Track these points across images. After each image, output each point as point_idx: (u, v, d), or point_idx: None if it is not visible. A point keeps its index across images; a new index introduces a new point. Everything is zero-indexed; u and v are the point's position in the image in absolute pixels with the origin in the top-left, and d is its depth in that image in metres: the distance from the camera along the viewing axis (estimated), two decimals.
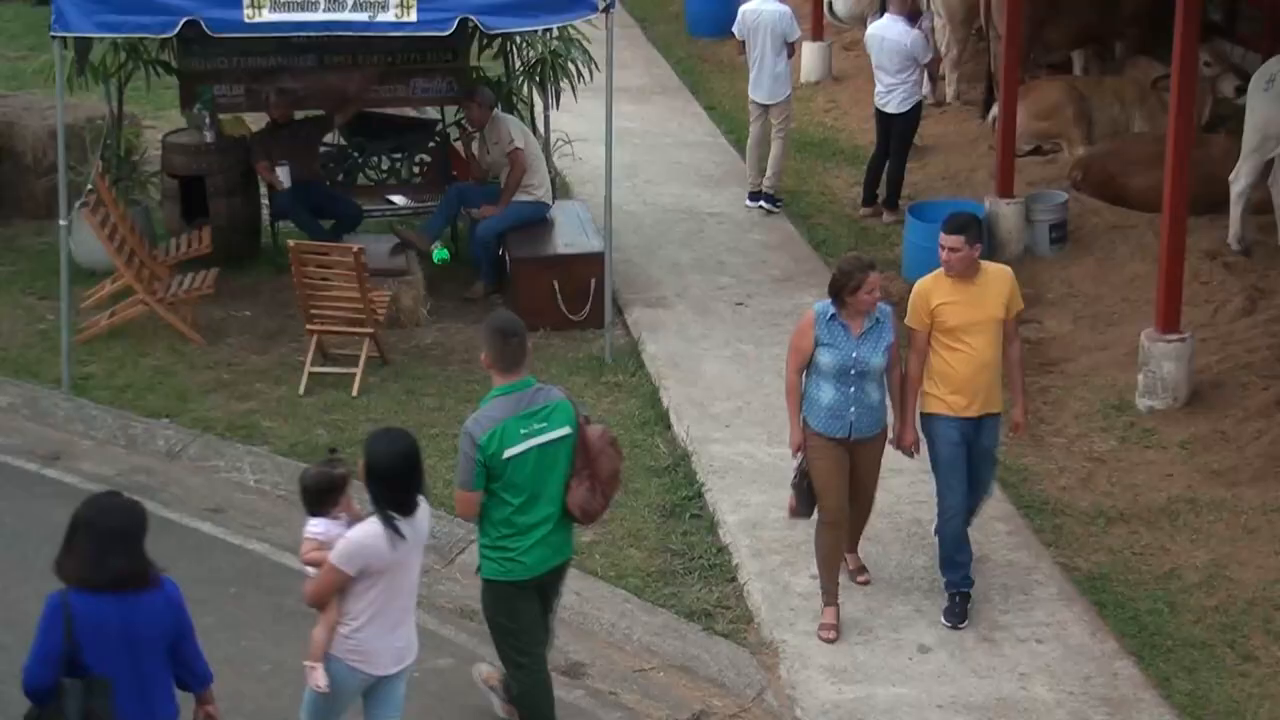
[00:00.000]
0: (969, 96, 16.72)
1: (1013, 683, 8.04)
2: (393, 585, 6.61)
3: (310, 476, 6.92)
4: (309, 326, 11.26)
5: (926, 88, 15.23)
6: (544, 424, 7.12)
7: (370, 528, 6.55)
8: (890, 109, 14.13)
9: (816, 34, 18.57)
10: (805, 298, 12.64)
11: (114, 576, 5.91)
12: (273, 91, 12.97)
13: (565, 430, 7.17)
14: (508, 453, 7.02)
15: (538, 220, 12.73)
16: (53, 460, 10.44)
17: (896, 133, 14.18)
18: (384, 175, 13.67)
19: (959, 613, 8.47)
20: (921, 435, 8.47)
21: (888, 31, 14.01)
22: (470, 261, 12.96)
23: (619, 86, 12.80)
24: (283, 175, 12.68)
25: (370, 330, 11.24)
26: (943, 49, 16.58)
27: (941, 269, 8.34)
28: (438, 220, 12.88)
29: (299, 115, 13.28)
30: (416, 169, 13.69)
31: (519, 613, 7.30)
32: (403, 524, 6.54)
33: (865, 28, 15.43)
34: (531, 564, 7.20)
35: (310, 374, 11.18)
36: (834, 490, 8.30)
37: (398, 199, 13.42)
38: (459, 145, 13.40)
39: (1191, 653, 8.27)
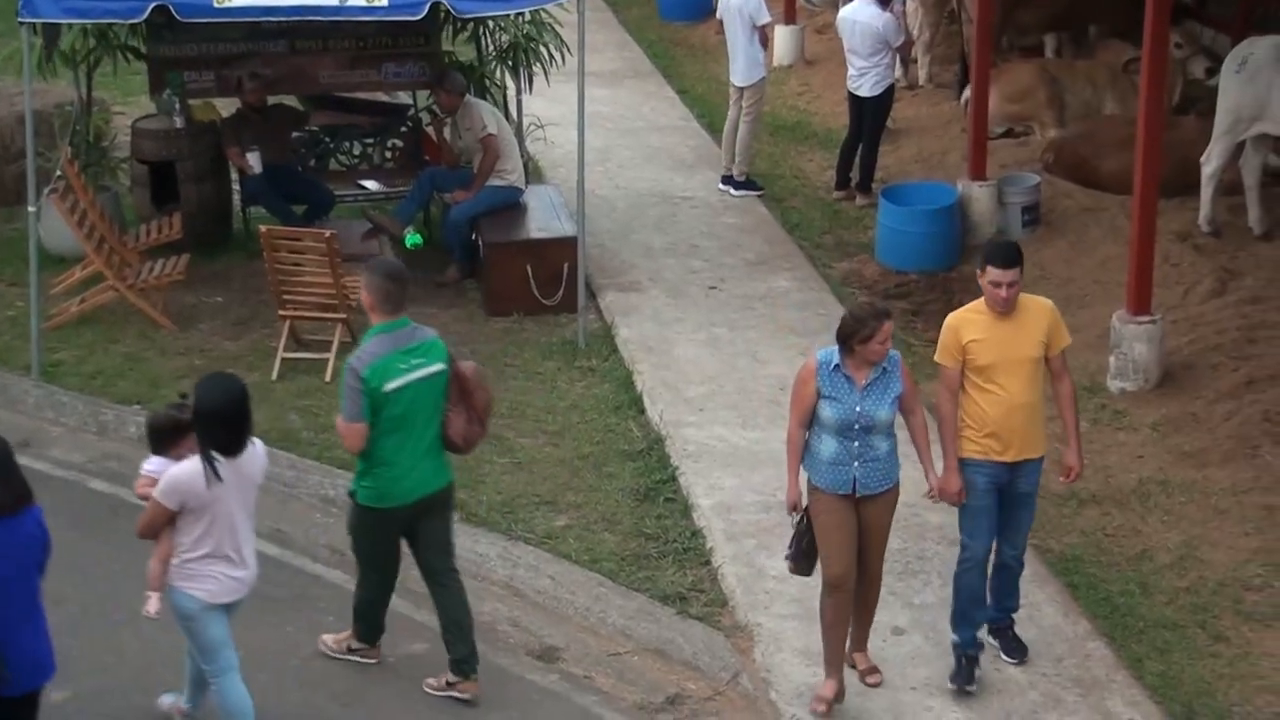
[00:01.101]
0: (941, 79, 16.76)
1: (986, 664, 8.07)
2: (220, 521, 7.05)
3: (157, 418, 7.38)
4: (281, 312, 11.25)
5: (898, 71, 15.26)
6: (422, 359, 7.61)
7: (188, 466, 6.99)
8: (863, 92, 14.17)
9: (789, 17, 18.60)
10: (779, 281, 12.70)
11: (16, 496, 6.32)
12: (244, 77, 12.93)
13: (440, 366, 7.67)
14: (388, 386, 7.48)
15: (510, 205, 12.73)
16: (23, 447, 10.34)
17: (869, 116, 14.22)
18: (356, 160, 13.64)
19: (967, 675, 7.90)
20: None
21: (859, 15, 14.05)
22: (443, 246, 12.96)
23: (591, 71, 12.81)
24: (253, 160, 12.66)
25: (343, 315, 11.23)
26: (915, 32, 16.62)
27: (978, 301, 7.73)
28: (410, 205, 12.87)
29: (271, 101, 13.26)
30: (389, 154, 13.67)
31: (384, 538, 7.83)
32: (224, 465, 6.97)
33: (837, 11, 15.46)
34: (403, 493, 7.67)
35: (283, 359, 11.18)
36: (839, 550, 7.63)
37: (370, 184, 13.40)
38: (431, 130, 13.40)
39: (1163, 634, 8.32)
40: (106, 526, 9.34)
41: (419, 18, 11.26)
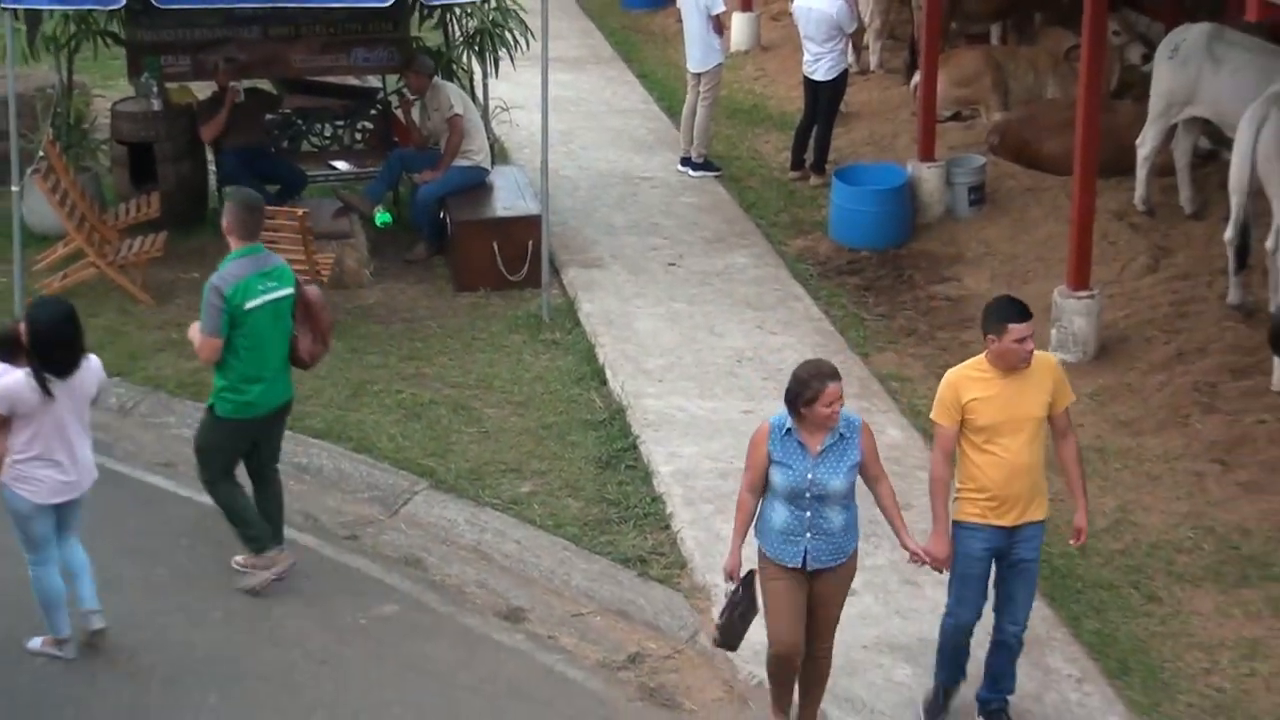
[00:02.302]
0: (892, 65, 16.79)
1: (934, 623, 8.02)
2: (47, 428, 7.45)
3: None
4: None
5: (851, 57, 15.27)
6: (275, 283, 8.14)
7: (14, 377, 7.40)
8: (818, 77, 14.18)
9: (745, 5, 18.59)
10: (736, 258, 12.72)
11: None
12: (219, 61, 12.87)
13: (290, 289, 8.20)
14: (248, 304, 8.00)
15: (477, 184, 12.71)
16: None
17: (823, 99, 14.24)
18: (327, 142, 13.60)
19: (940, 709, 7.42)
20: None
21: (814, 2, 14.05)
22: (412, 225, 12.94)
23: (555, 56, 12.81)
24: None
25: None
26: (866, 19, 16.64)
27: (978, 359, 7.07)
28: (380, 185, 12.84)
29: (245, 84, 13.20)
30: (359, 136, 13.63)
31: (235, 448, 8.32)
32: (54, 382, 7.38)
33: None
34: (262, 404, 8.20)
35: None
36: (788, 623, 7.01)
37: (341, 165, 13.36)
38: (400, 113, 13.36)
39: (1100, 594, 8.39)
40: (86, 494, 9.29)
41: (388, 4, 11.23)
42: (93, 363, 7.63)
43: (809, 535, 6.91)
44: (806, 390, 6.77)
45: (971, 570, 7.13)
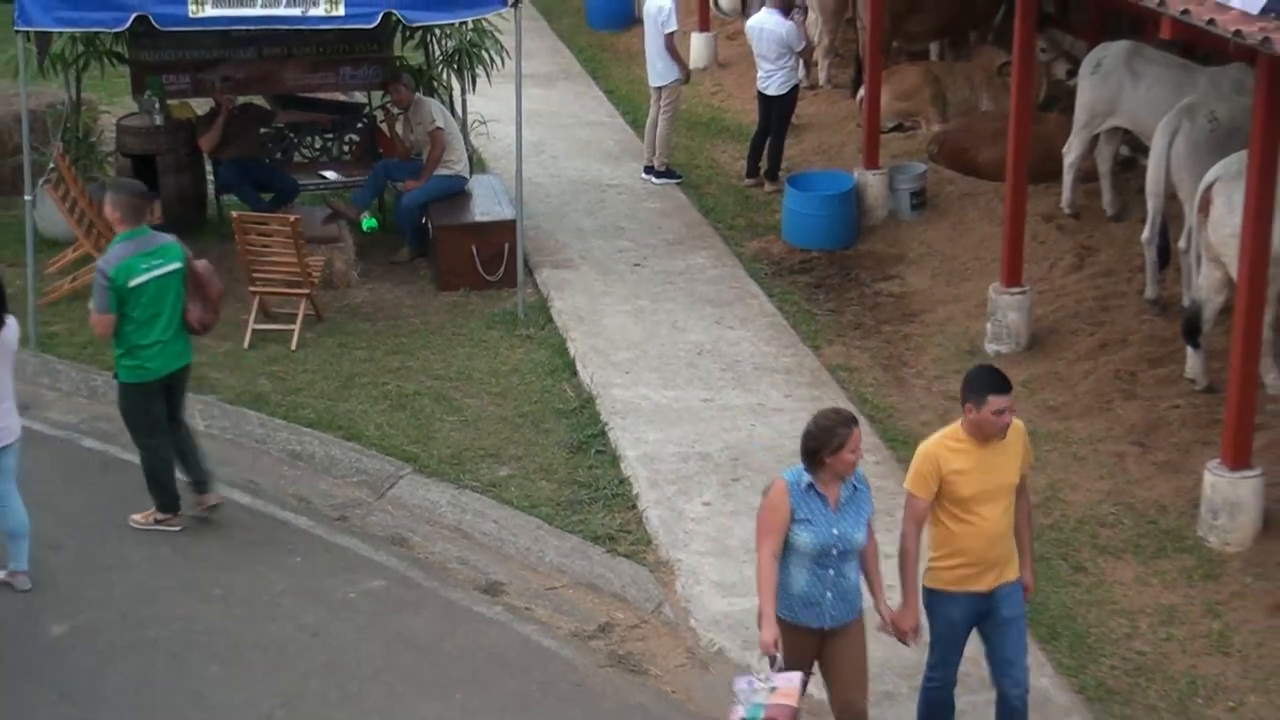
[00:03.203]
0: (839, 81, 16.83)
1: (889, 597, 8.13)
2: None
3: None
4: (251, 288, 11.20)
5: (802, 72, 15.32)
6: (160, 260, 8.32)
7: None
8: (770, 91, 14.21)
9: (703, 25, 18.60)
10: (696, 259, 12.74)
11: None
12: (217, 79, 12.84)
13: (177, 265, 8.39)
14: (132, 282, 8.21)
15: (456, 192, 12.70)
16: (23, 410, 10.20)
17: (776, 113, 14.26)
18: (317, 153, 13.55)
19: None
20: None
21: (765, 22, 14.09)
22: (396, 230, 12.93)
23: (527, 73, 12.80)
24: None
25: (306, 291, 11.20)
26: (815, 38, 16.67)
27: (954, 429, 6.53)
28: (366, 193, 12.83)
29: (241, 100, 13.17)
30: (347, 147, 13.59)
31: (146, 408, 8.50)
32: None
33: (746, 19, 15.50)
34: (155, 368, 8.40)
35: (253, 330, 11.12)
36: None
37: (330, 174, 13.32)
38: (384, 126, 13.35)
39: None
40: (97, 480, 9.30)
41: (373, 26, 11.21)
42: (12, 321, 7.88)
43: (830, 596, 6.35)
44: (833, 438, 6.20)
45: (954, 635, 6.65)
